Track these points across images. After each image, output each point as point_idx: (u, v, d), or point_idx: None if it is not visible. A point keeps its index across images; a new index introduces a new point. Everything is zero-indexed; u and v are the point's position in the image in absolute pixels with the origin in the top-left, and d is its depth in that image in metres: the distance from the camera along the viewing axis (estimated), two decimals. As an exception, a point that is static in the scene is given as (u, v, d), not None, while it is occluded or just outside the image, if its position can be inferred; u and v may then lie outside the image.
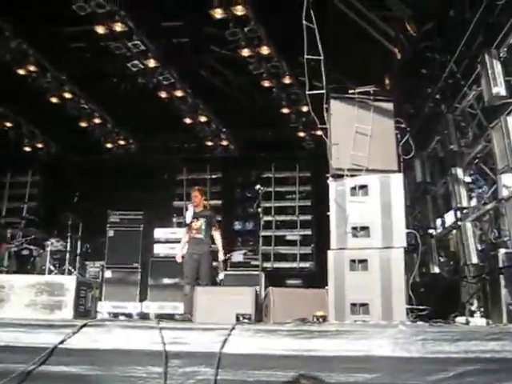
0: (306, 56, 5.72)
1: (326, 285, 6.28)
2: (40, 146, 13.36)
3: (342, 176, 6.22)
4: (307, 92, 5.84)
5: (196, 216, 8.31)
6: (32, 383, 4.40)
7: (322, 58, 5.72)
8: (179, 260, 8.41)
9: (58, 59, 10.22)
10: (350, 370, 3.90)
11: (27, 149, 13.31)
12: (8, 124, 12.09)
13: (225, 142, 12.72)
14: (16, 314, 5.07)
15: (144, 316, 10.00)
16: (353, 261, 5.90)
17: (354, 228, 6.01)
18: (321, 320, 5.82)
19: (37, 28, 9.54)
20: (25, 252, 10.62)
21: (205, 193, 9.45)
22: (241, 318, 6.21)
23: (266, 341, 4.18)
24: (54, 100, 11.02)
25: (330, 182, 6.28)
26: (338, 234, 6.10)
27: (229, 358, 4.17)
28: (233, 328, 4.13)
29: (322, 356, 4.01)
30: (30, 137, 12.86)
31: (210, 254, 8.30)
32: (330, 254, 6.01)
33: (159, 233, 10.86)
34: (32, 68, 9.94)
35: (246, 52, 9.12)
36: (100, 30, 8.83)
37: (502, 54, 6.26)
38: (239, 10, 8.26)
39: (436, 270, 9.14)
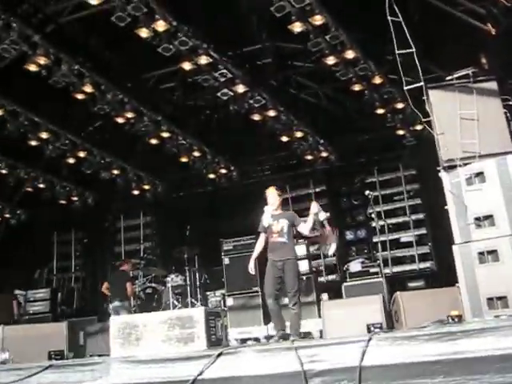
0: (397, 51, 5.54)
1: (450, 282, 5.99)
2: (147, 187, 13.85)
3: (454, 166, 5.95)
4: (405, 88, 5.66)
5: (276, 218, 7.09)
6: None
7: (413, 50, 5.53)
8: (252, 271, 7.30)
9: (152, 101, 10.64)
10: (505, 370, 3.63)
11: (135, 192, 13.84)
12: (115, 171, 12.65)
13: (324, 154, 12.56)
14: (153, 350, 5.21)
15: (271, 338, 10.00)
16: (481, 253, 5.59)
17: (477, 218, 5.70)
18: (457, 319, 5.54)
19: (127, 76, 10.02)
20: (148, 290, 11.03)
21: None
22: (372, 328, 6.05)
23: (406, 348, 3.99)
24: (154, 141, 11.42)
25: (443, 174, 6.01)
26: (460, 228, 5.82)
27: (370, 371, 4.02)
28: (370, 339, 3.99)
29: (471, 357, 3.76)
30: (136, 180, 13.39)
31: (295, 260, 7.05)
32: (456, 249, 5.73)
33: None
34: (129, 115, 10.36)
35: (331, 60, 8.98)
36: (186, 66, 9.08)
37: None
38: (318, 20, 8.19)
39: None
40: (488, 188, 5.68)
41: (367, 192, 8.65)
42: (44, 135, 10.68)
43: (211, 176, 13.36)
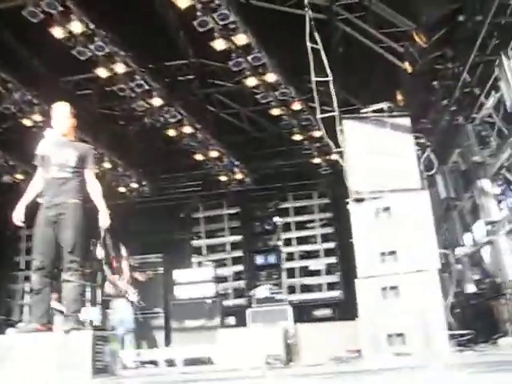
0: (313, 78, 5.45)
1: (357, 313, 5.92)
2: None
3: (362, 199, 5.91)
4: (318, 116, 5.56)
5: (60, 146, 4.96)
6: None
7: (330, 78, 5.47)
8: (19, 222, 5.06)
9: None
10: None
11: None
12: (19, 176, 11.86)
13: (239, 176, 12.40)
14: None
15: (171, 362, 9.63)
16: (383, 288, 5.54)
17: (382, 253, 5.66)
18: (356, 354, 5.48)
19: (43, 78, 9.50)
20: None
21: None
22: (270, 360, 5.86)
23: (299, 387, 3.81)
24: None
25: (351, 206, 5.96)
26: (364, 261, 5.76)
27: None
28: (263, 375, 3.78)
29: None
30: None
31: (79, 207, 4.91)
32: (358, 283, 5.66)
33: (179, 274, 10.53)
34: (38, 118, 9.78)
35: (252, 81, 8.90)
36: (102, 73, 8.73)
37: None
38: (241, 39, 8.08)
39: (471, 289, 8.66)
40: (394, 224, 5.66)
41: (275, 219, 8.55)
42: None
43: (122, 190, 12.84)
